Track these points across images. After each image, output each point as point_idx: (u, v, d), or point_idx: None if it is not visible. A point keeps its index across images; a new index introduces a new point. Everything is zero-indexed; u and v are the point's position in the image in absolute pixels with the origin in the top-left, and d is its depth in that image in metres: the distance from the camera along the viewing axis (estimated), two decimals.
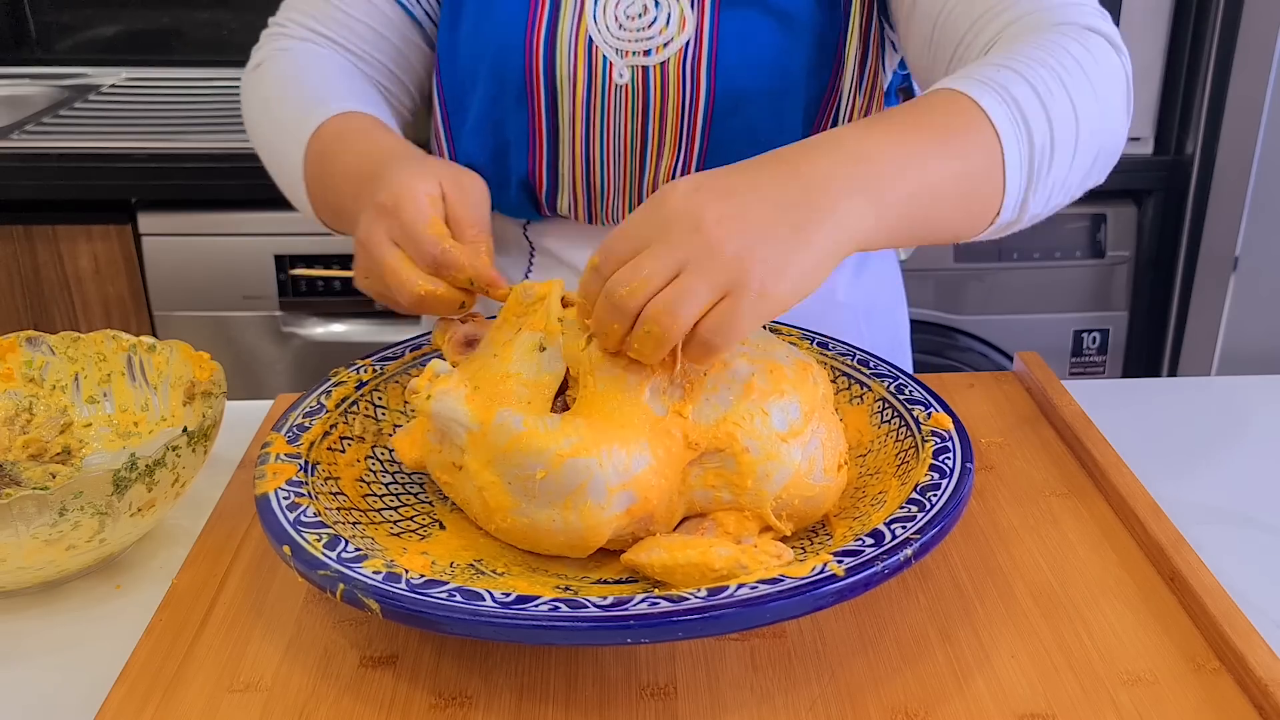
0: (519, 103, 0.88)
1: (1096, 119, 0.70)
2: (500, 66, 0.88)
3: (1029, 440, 0.82)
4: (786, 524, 0.64)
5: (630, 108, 0.87)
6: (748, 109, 0.86)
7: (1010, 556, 0.69)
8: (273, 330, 1.77)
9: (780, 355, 0.66)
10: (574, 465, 0.59)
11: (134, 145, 1.71)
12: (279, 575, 0.68)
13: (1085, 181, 0.73)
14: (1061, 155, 0.68)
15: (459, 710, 0.58)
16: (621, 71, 0.86)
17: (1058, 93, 0.67)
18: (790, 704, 0.58)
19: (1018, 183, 0.67)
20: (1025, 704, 0.57)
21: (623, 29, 0.85)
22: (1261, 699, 0.56)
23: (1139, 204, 1.80)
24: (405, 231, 0.69)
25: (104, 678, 0.61)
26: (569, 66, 0.86)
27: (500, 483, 0.61)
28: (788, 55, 0.86)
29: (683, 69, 0.85)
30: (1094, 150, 0.71)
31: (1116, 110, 0.73)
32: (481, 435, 0.62)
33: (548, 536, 0.62)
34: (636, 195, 0.91)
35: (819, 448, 0.64)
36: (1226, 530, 0.74)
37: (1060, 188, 0.70)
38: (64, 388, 0.82)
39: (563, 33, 0.86)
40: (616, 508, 0.61)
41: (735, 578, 0.58)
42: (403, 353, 0.80)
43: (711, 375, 0.64)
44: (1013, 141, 0.66)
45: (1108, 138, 0.72)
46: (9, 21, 2.17)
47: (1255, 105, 1.64)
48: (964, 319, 1.82)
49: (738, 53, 0.85)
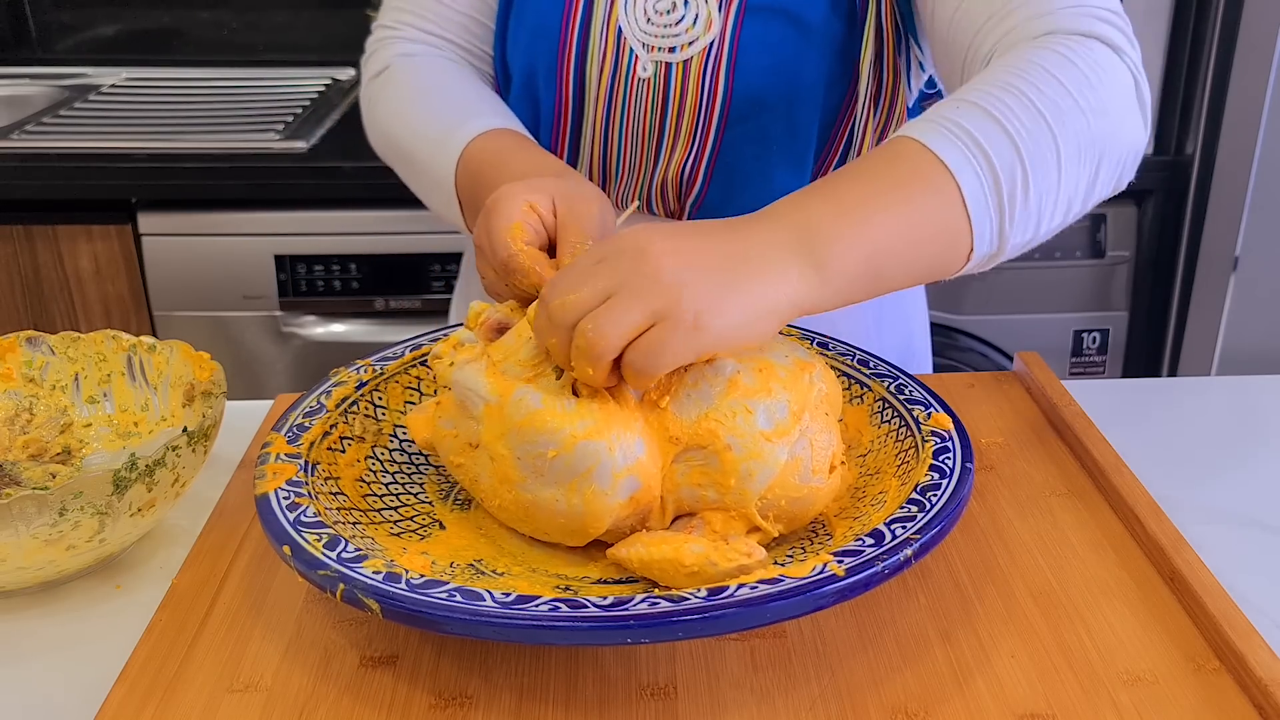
0: (549, 84, 0.91)
1: (1083, 128, 0.68)
2: (535, 48, 0.91)
3: (1029, 440, 0.82)
4: (774, 525, 0.64)
5: (650, 101, 0.89)
6: (762, 114, 0.88)
7: (1010, 556, 0.69)
8: (273, 330, 1.77)
9: (777, 355, 0.66)
10: (585, 448, 0.60)
11: (134, 145, 1.71)
12: (279, 575, 0.68)
13: (1094, 192, 0.71)
14: (1041, 177, 0.66)
15: (459, 710, 0.58)
16: (645, 65, 0.88)
17: (1021, 112, 0.66)
18: (790, 704, 0.58)
19: (986, 217, 0.66)
20: (1025, 704, 0.57)
21: (650, 23, 0.88)
22: (1261, 699, 0.56)
23: (1139, 204, 1.80)
24: (487, 232, 0.70)
25: (104, 678, 0.61)
26: (598, 54, 0.89)
27: (511, 456, 0.62)
28: (806, 64, 0.87)
29: (704, 69, 0.87)
30: (1092, 160, 0.69)
31: (1119, 113, 0.70)
32: (499, 408, 0.62)
33: (548, 518, 0.62)
34: (646, 185, 0.93)
35: (808, 448, 0.64)
36: (1226, 530, 0.74)
37: (1053, 208, 0.68)
38: (64, 388, 0.82)
39: (596, 21, 0.89)
40: (620, 494, 0.61)
41: (706, 574, 0.59)
42: (403, 353, 0.80)
43: (693, 370, 0.64)
44: (970, 177, 0.65)
45: (1110, 144, 0.70)
46: (9, 21, 2.17)
47: (1255, 105, 1.64)
48: (964, 319, 1.82)
49: (757, 58, 0.86)
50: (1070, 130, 0.67)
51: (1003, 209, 0.66)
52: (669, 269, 0.57)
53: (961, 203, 0.65)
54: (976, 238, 0.66)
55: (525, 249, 0.69)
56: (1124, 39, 0.73)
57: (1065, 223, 0.71)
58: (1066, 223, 0.71)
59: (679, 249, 0.59)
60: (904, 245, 0.64)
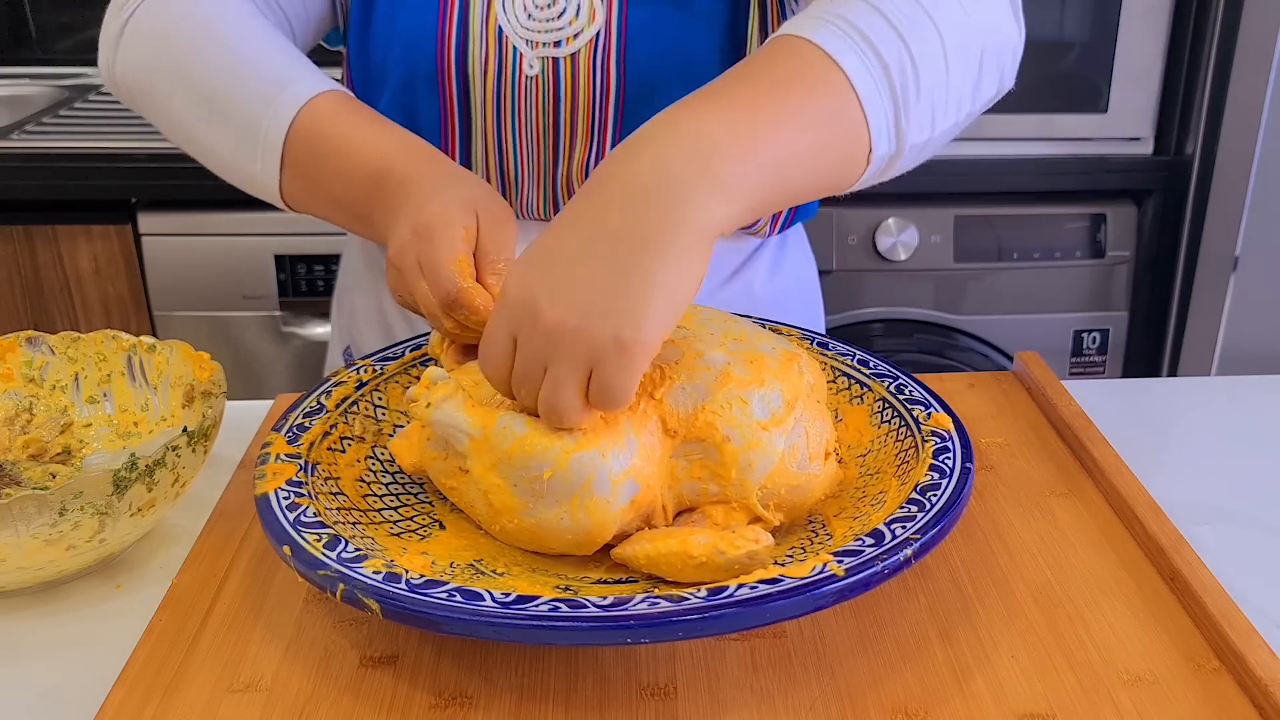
0: (430, 92, 0.88)
1: (961, 20, 0.67)
2: (411, 55, 0.87)
3: (1029, 440, 0.82)
4: (775, 514, 0.65)
5: (541, 99, 0.87)
6: (659, 99, 0.84)
7: (1010, 556, 0.69)
8: (273, 330, 1.77)
9: (764, 346, 0.67)
10: (580, 460, 0.59)
11: (134, 145, 1.71)
12: (279, 575, 0.68)
13: (980, 90, 0.70)
14: (929, 68, 0.65)
15: (459, 710, 0.58)
16: (532, 63, 0.85)
17: (904, 4, 0.65)
18: (790, 704, 0.58)
19: (881, 114, 0.64)
20: (1025, 704, 0.57)
21: (532, 19, 0.85)
22: (1261, 699, 0.56)
23: (1139, 204, 1.80)
24: (430, 264, 0.69)
25: (104, 678, 0.61)
26: (480, 56, 0.86)
27: (506, 485, 0.61)
28: (696, 44, 0.86)
29: (593, 60, 0.85)
30: (975, 53, 0.68)
31: (992, 5, 0.70)
32: (484, 440, 0.62)
33: (555, 536, 0.62)
34: (550, 187, 0.90)
35: (803, 435, 0.65)
36: (1226, 530, 0.74)
37: (944, 105, 0.67)
38: (64, 388, 0.82)
39: (474, 22, 0.85)
40: (621, 499, 0.61)
41: (714, 563, 0.59)
42: (403, 353, 0.80)
43: (685, 363, 0.64)
44: (862, 73, 0.63)
45: (990, 37, 0.69)
46: (9, 21, 2.17)
47: (1255, 105, 1.64)
48: (964, 319, 1.82)
49: (647, 43, 0.85)
50: (950, 22, 0.66)
51: (897, 102, 0.65)
52: (565, 317, 0.56)
53: (856, 99, 0.63)
54: (874, 135, 0.64)
55: (473, 285, 0.69)
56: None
57: (958, 123, 0.70)
58: (959, 124, 0.71)
59: (561, 284, 0.57)
60: (805, 150, 0.62)
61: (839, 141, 0.64)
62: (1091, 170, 1.77)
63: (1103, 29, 1.71)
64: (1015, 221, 1.79)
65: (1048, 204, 1.79)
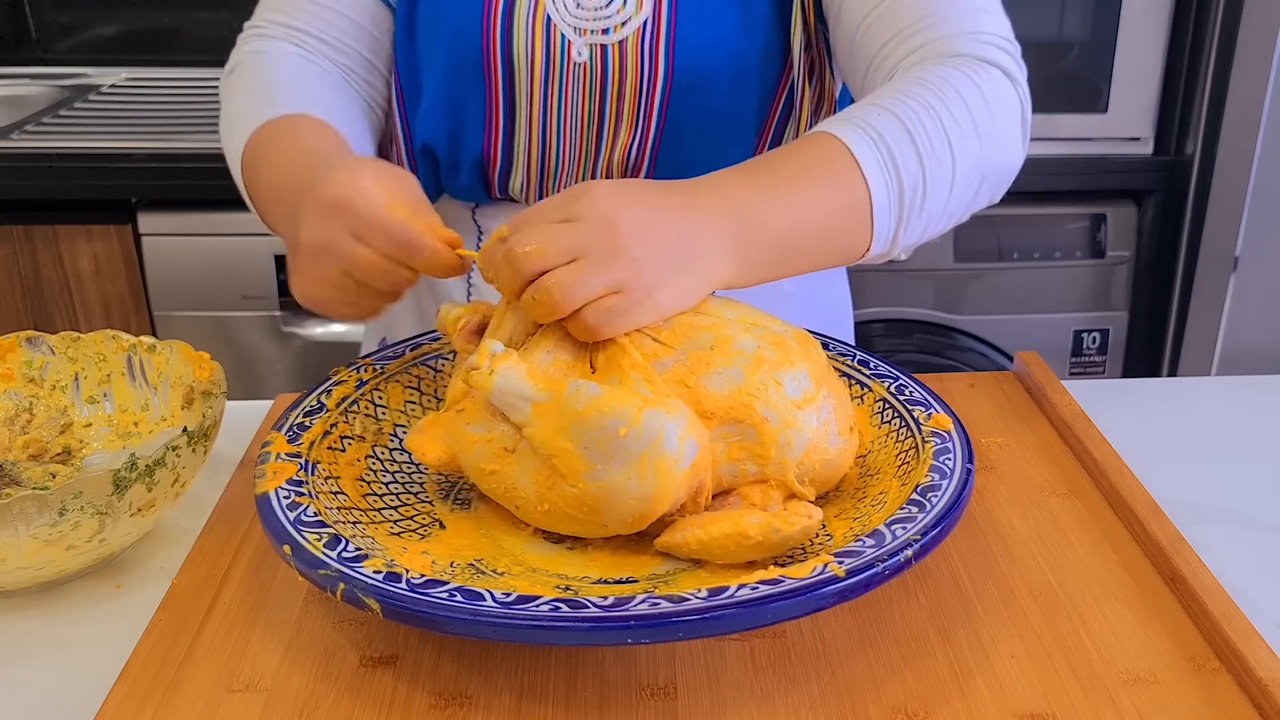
0: (476, 81, 0.88)
1: (976, 152, 0.74)
2: (457, 44, 0.88)
3: (1029, 440, 0.83)
4: (809, 489, 0.66)
5: (588, 86, 0.88)
6: (705, 90, 0.87)
7: (1010, 556, 0.69)
8: (273, 330, 1.77)
9: (778, 329, 0.68)
10: (652, 416, 0.60)
11: (134, 145, 1.71)
12: (279, 575, 0.68)
13: (971, 207, 0.77)
14: (936, 192, 0.73)
15: (459, 710, 0.58)
16: (580, 50, 0.86)
17: (932, 131, 0.72)
18: (790, 704, 0.58)
19: (886, 222, 0.71)
20: (1025, 704, 0.57)
21: (580, 8, 0.86)
22: (1261, 699, 0.56)
23: (1139, 204, 1.80)
24: (366, 222, 0.67)
25: (104, 678, 0.61)
26: (526, 45, 0.87)
27: (574, 449, 0.61)
28: (745, 37, 0.87)
29: (641, 48, 0.86)
30: (976, 180, 0.75)
31: (1006, 139, 0.77)
32: (554, 404, 0.62)
33: (619, 503, 0.61)
34: (590, 175, 0.91)
35: (831, 412, 0.66)
36: (1226, 530, 0.74)
37: (939, 219, 0.75)
38: (64, 388, 0.82)
39: (520, 11, 0.86)
40: (686, 459, 0.61)
41: (770, 541, 0.61)
42: (403, 352, 0.80)
43: (719, 349, 0.65)
44: (880, 184, 0.70)
45: (994, 168, 0.76)
46: (9, 21, 2.17)
47: (1255, 105, 1.64)
48: (964, 319, 1.82)
49: (696, 32, 0.86)
50: (967, 153, 0.73)
51: (902, 215, 0.72)
52: (634, 245, 0.62)
53: (869, 206, 0.70)
54: (876, 237, 0.72)
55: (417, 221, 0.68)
56: (1017, 68, 0.79)
57: (944, 230, 0.77)
58: (945, 230, 0.77)
59: (641, 225, 0.63)
60: (817, 235, 0.70)
61: (846, 234, 0.71)
62: (1092, 170, 1.76)
63: (1103, 29, 1.71)
64: (1015, 221, 1.79)
65: (1048, 204, 1.79)
